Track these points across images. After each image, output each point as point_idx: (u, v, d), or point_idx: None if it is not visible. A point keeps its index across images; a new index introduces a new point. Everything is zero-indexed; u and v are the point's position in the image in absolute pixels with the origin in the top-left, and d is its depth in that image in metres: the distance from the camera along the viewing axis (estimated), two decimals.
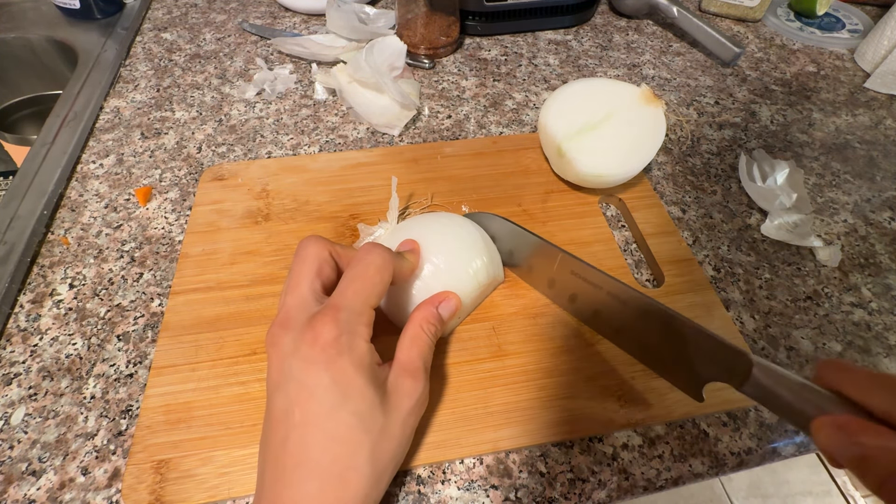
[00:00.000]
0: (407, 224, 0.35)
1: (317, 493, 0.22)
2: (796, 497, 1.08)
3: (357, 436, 0.23)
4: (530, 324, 0.34)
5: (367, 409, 0.24)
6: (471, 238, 0.34)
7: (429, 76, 0.55)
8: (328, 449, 0.23)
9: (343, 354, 0.24)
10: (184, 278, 0.36)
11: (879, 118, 0.53)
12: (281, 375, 0.24)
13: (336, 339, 0.24)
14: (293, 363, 0.24)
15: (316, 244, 0.28)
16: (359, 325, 0.25)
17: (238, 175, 0.42)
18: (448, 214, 0.36)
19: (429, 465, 0.29)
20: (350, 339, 0.24)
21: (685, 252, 0.38)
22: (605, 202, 0.43)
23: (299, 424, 0.23)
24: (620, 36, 0.63)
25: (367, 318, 0.25)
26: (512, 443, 0.29)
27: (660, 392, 0.31)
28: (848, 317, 0.36)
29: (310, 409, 0.23)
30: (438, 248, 0.32)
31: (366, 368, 0.24)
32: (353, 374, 0.24)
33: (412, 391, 0.26)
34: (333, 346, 0.24)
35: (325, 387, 0.23)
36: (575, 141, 0.39)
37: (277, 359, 0.25)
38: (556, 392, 0.31)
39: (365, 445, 0.23)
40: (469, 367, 0.32)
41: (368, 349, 0.25)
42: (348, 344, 0.24)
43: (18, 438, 0.29)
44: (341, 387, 0.23)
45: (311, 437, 0.23)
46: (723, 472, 0.30)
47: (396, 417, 0.25)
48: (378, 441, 0.24)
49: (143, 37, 0.60)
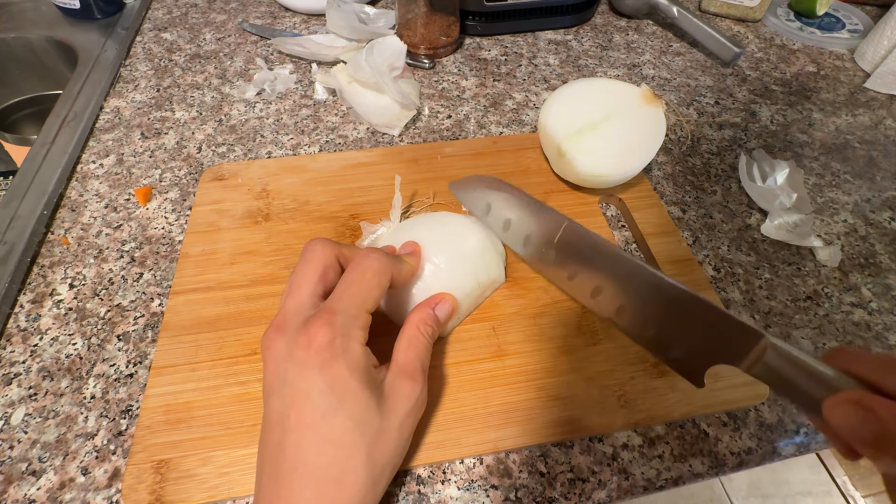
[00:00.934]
0: (409, 223, 0.35)
1: (313, 496, 0.22)
2: (796, 497, 1.08)
3: (353, 438, 0.23)
4: (530, 324, 0.34)
5: (363, 412, 0.24)
6: (472, 239, 0.34)
7: (429, 76, 0.55)
8: (323, 452, 0.23)
9: (337, 358, 0.24)
10: (184, 278, 0.36)
11: (879, 118, 0.53)
12: (276, 379, 0.24)
13: (330, 343, 0.24)
14: (288, 367, 0.24)
15: (323, 247, 0.27)
16: (353, 329, 0.25)
17: (238, 175, 0.42)
18: (450, 214, 0.36)
19: (429, 465, 0.29)
20: (344, 343, 0.24)
21: (685, 252, 0.38)
22: (605, 202, 0.43)
23: (295, 428, 0.23)
24: (620, 36, 0.63)
25: (362, 321, 0.25)
26: (512, 443, 0.29)
27: (660, 392, 0.31)
28: (848, 317, 0.36)
29: (304, 413, 0.23)
30: (439, 248, 0.32)
31: (361, 371, 0.24)
32: (347, 378, 0.24)
33: (410, 393, 0.26)
34: (327, 349, 0.23)
35: (320, 390, 0.23)
36: (575, 141, 0.39)
37: (272, 362, 0.25)
38: (556, 392, 0.31)
39: (361, 448, 0.23)
40: (469, 367, 0.32)
41: (364, 352, 0.25)
42: (342, 347, 0.24)
43: (18, 438, 0.29)
44: (336, 390, 0.23)
45: (307, 440, 0.23)
46: (723, 472, 0.30)
47: (394, 419, 0.25)
48: (374, 443, 0.24)
49: (143, 37, 0.60)
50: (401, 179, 0.36)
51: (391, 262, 0.28)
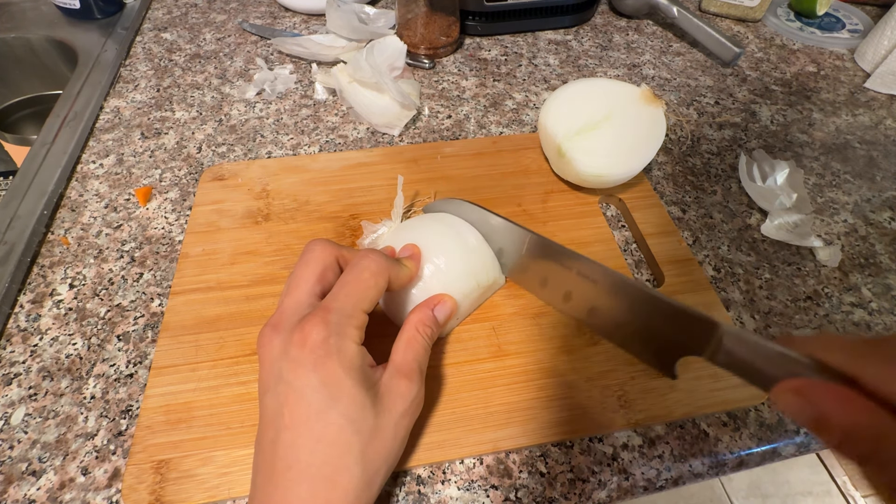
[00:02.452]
0: (410, 223, 0.35)
1: (307, 496, 0.22)
2: (796, 497, 1.08)
3: (346, 437, 0.23)
4: (530, 324, 0.34)
5: (357, 411, 0.23)
6: (473, 240, 0.34)
7: (429, 76, 0.55)
8: (317, 451, 0.23)
9: (331, 356, 0.23)
10: (184, 278, 0.35)
11: (879, 118, 0.53)
12: (271, 377, 0.24)
13: (324, 341, 0.24)
14: (282, 365, 0.24)
15: (323, 248, 0.28)
16: (349, 328, 0.25)
17: (238, 175, 0.42)
18: (451, 216, 0.36)
19: (429, 465, 0.29)
20: (339, 341, 0.24)
21: (685, 252, 0.38)
22: (605, 202, 0.43)
23: (289, 426, 0.23)
24: (620, 36, 0.63)
25: (357, 320, 0.25)
26: (512, 443, 0.29)
27: (660, 392, 0.31)
28: (848, 317, 0.36)
29: (298, 412, 0.23)
30: (440, 249, 0.32)
31: (355, 370, 0.24)
32: (341, 376, 0.23)
33: (406, 393, 0.26)
34: (322, 346, 0.23)
35: (314, 388, 0.23)
36: (575, 141, 0.39)
37: (268, 360, 0.25)
38: (557, 392, 0.31)
39: (355, 447, 0.23)
40: (469, 367, 0.32)
41: (359, 351, 0.25)
42: (337, 345, 0.24)
43: (18, 438, 0.29)
44: (330, 388, 0.23)
45: (301, 438, 0.23)
46: (723, 472, 0.30)
47: (389, 419, 0.25)
48: (369, 443, 0.24)
49: (143, 37, 0.60)
50: (403, 179, 0.36)
51: (389, 264, 0.28)
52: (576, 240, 0.39)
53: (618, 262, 0.38)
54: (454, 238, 0.33)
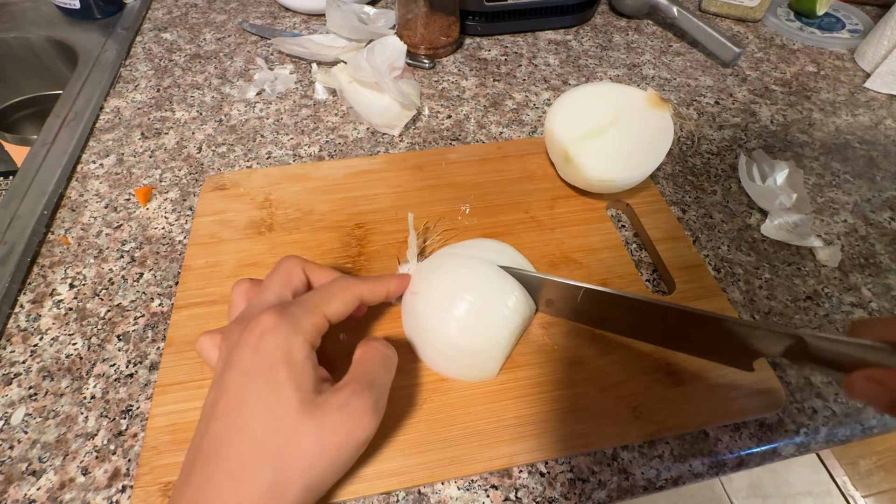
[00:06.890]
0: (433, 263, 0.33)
1: (215, 497, 0.21)
2: (796, 497, 1.08)
3: (264, 434, 0.22)
4: (542, 334, 0.33)
5: (283, 407, 0.22)
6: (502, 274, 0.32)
7: (429, 76, 0.55)
8: (234, 443, 0.22)
9: (277, 341, 0.23)
10: (187, 291, 0.35)
11: (879, 118, 0.53)
12: (221, 365, 0.24)
13: (275, 326, 0.24)
14: (232, 351, 0.24)
15: (290, 259, 0.29)
16: (304, 322, 0.24)
17: (240, 184, 0.42)
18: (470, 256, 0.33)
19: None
20: (289, 330, 0.24)
21: (695, 258, 0.37)
22: (612, 208, 0.42)
23: (220, 415, 0.23)
24: (620, 36, 0.63)
25: (315, 318, 0.25)
26: (527, 457, 0.28)
27: (675, 402, 0.30)
28: (848, 317, 0.36)
29: (231, 399, 0.23)
30: (470, 287, 0.31)
31: (295, 363, 0.23)
32: (279, 363, 0.23)
33: (343, 403, 0.23)
34: (270, 330, 0.23)
35: (249, 373, 0.23)
36: (582, 146, 0.39)
37: (224, 350, 0.25)
38: (570, 404, 0.30)
39: (270, 446, 0.22)
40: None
41: (306, 347, 0.24)
42: (286, 333, 0.24)
43: (18, 438, 0.29)
44: (264, 375, 0.23)
45: (228, 430, 0.22)
46: (723, 472, 0.30)
47: (314, 427, 0.22)
48: (287, 446, 0.22)
49: (144, 37, 0.60)
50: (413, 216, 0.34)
51: (359, 281, 0.29)
52: (584, 246, 0.38)
53: (628, 268, 0.37)
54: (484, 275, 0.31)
